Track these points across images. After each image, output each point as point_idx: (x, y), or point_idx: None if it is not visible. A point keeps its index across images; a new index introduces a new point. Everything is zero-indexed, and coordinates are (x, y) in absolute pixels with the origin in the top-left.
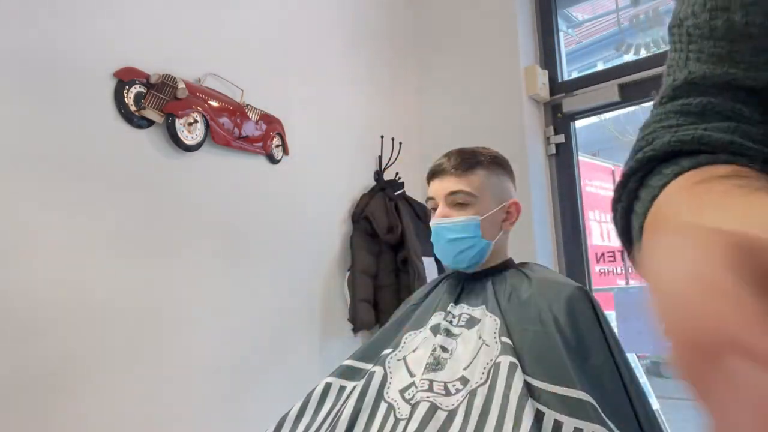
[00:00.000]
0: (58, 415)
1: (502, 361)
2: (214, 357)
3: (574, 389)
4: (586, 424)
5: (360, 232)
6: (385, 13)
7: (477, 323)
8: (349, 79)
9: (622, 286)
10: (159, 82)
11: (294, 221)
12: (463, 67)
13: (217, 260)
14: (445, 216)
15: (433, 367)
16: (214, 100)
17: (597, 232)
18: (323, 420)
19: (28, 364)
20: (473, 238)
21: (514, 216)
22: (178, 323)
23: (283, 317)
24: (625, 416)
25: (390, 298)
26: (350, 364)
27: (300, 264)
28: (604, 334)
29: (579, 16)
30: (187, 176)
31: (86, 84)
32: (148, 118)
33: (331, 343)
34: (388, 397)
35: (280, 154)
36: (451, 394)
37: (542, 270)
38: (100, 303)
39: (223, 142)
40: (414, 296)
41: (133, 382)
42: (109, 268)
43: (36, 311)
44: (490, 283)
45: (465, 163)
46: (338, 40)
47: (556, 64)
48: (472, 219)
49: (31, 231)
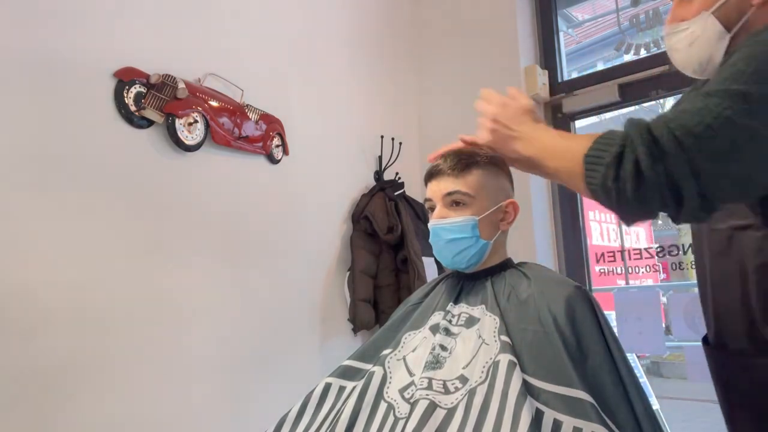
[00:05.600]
0: (57, 414)
1: (501, 360)
2: (214, 357)
3: (574, 388)
4: (585, 424)
5: (360, 232)
6: (385, 13)
7: (476, 322)
8: (349, 79)
9: (622, 286)
10: (159, 82)
11: (294, 221)
12: (463, 67)
13: (216, 260)
14: (443, 217)
15: (432, 366)
16: (214, 100)
17: (597, 232)
18: (323, 420)
19: (27, 364)
20: (471, 238)
21: (512, 216)
22: (178, 323)
23: (283, 317)
24: (624, 416)
25: (390, 298)
26: (350, 364)
27: (300, 264)
28: (603, 333)
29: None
30: (187, 176)
31: (86, 84)
32: (148, 118)
33: (331, 343)
34: (388, 396)
35: (280, 154)
36: (450, 393)
37: (541, 269)
38: (99, 303)
39: (223, 142)
40: (413, 296)
41: (133, 382)
42: (108, 268)
43: (36, 311)
44: (489, 283)
45: (462, 164)
46: (338, 40)
47: (556, 64)
48: (470, 219)
49: (30, 231)
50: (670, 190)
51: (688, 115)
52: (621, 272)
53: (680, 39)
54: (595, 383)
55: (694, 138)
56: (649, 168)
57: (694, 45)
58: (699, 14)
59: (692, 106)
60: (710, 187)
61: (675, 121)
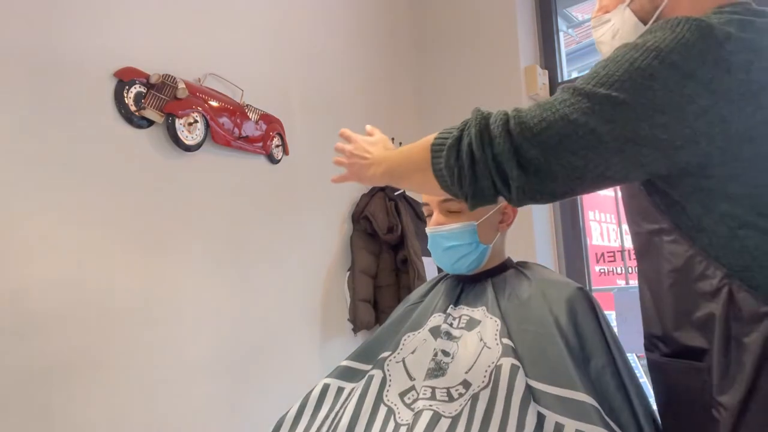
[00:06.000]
0: (56, 414)
1: (503, 364)
2: (214, 357)
3: (576, 391)
4: (588, 427)
5: (360, 232)
6: (385, 13)
7: (477, 325)
8: (349, 79)
9: (622, 286)
10: (159, 82)
11: (294, 221)
12: (464, 67)
13: (217, 260)
14: (440, 224)
15: (435, 373)
16: (214, 100)
17: (597, 232)
18: (322, 422)
19: (26, 363)
20: (470, 244)
21: (511, 217)
22: (178, 323)
23: (283, 317)
24: (626, 417)
25: (390, 297)
26: (348, 365)
27: (300, 264)
28: (604, 335)
29: (579, 16)
30: (187, 176)
31: (86, 84)
32: (148, 118)
33: (331, 343)
34: (388, 400)
35: (280, 154)
36: (453, 399)
37: (542, 270)
38: (99, 303)
39: (223, 142)
40: (412, 295)
41: (133, 382)
42: (108, 267)
43: (35, 311)
44: (490, 284)
45: None
46: (339, 39)
47: (556, 64)
48: (468, 225)
49: (30, 230)
50: (497, 171)
51: (535, 106)
52: (621, 272)
53: (604, 32)
54: (598, 385)
55: (525, 128)
56: (479, 149)
57: (616, 38)
58: (616, 7)
59: (547, 99)
60: (538, 175)
61: (520, 111)
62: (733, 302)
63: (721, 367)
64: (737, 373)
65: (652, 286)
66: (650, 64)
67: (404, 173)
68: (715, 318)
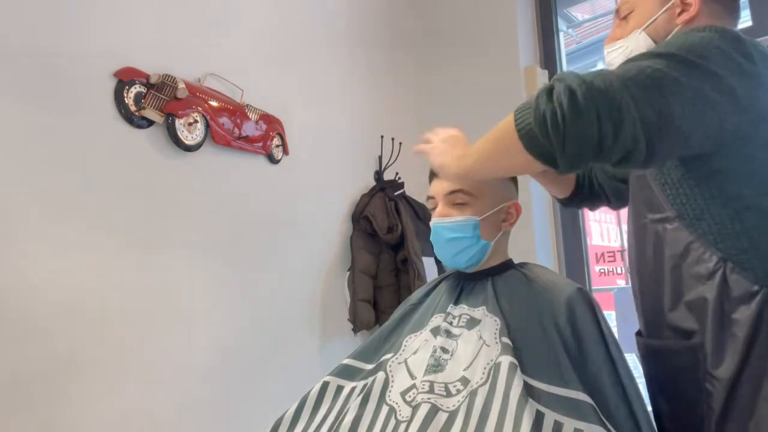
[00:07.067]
0: (56, 414)
1: (502, 362)
2: (214, 357)
3: (574, 390)
4: (586, 425)
5: (360, 232)
6: (385, 13)
7: (477, 324)
8: (349, 79)
9: (622, 286)
10: (159, 82)
11: (294, 221)
12: (463, 67)
13: (216, 260)
14: (444, 215)
15: (433, 369)
16: (214, 100)
17: (597, 232)
18: (321, 421)
19: (25, 364)
20: (471, 238)
21: (514, 217)
22: (177, 323)
23: (283, 317)
24: (623, 417)
25: (390, 298)
26: (349, 363)
27: (300, 264)
28: (603, 335)
29: (579, 16)
30: (187, 176)
31: (86, 84)
32: (148, 118)
33: (331, 343)
34: (390, 399)
35: (280, 154)
36: (451, 395)
37: (542, 270)
38: (99, 303)
39: (223, 142)
40: (413, 296)
41: (132, 382)
42: (108, 268)
43: (35, 311)
44: (490, 284)
45: None
46: (339, 40)
47: (556, 64)
48: (471, 219)
49: (30, 230)
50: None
51: (618, 68)
52: (621, 272)
53: (617, 55)
54: (595, 385)
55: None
56: (582, 88)
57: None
58: (632, 33)
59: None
60: (646, 117)
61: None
62: (726, 283)
63: (715, 342)
64: (730, 346)
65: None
66: (711, 38)
67: (491, 154)
68: (707, 300)
